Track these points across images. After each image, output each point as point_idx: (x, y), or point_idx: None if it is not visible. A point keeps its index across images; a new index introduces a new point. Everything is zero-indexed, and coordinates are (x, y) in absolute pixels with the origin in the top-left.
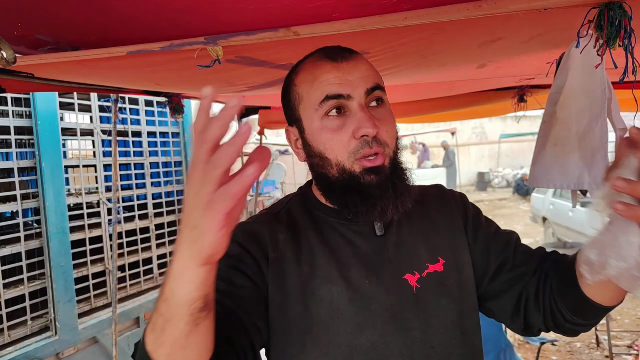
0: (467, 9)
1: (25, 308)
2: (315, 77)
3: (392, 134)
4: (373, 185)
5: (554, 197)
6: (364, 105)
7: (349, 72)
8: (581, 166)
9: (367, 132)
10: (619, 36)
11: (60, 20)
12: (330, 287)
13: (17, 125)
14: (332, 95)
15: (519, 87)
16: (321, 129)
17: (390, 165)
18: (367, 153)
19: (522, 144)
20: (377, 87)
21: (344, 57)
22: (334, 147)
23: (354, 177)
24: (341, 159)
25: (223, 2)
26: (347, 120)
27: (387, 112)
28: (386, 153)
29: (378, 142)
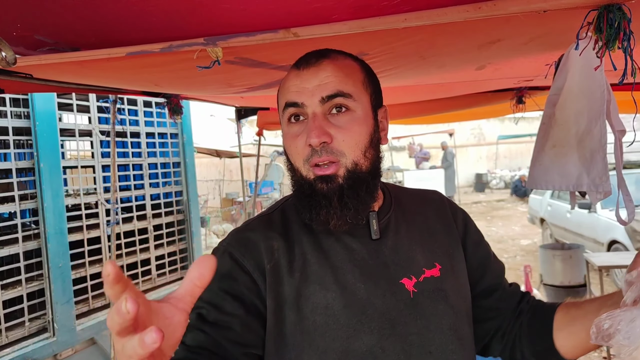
0: (466, 11)
1: (23, 309)
2: (284, 84)
3: (351, 143)
4: (321, 194)
5: (552, 199)
6: (317, 114)
7: (307, 80)
8: (580, 168)
9: (311, 142)
10: (618, 38)
11: (59, 21)
12: (325, 293)
13: (16, 126)
14: (289, 103)
15: (517, 89)
16: (286, 135)
17: (346, 174)
18: (316, 161)
19: (520, 145)
20: (337, 94)
21: (308, 64)
22: (293, 152)
23: (308, 183)
24: (298, 165)
25: (223, 3)
26: (304, 127)
27: (350, 120)
28: (342, 162)
29: (329, 151)
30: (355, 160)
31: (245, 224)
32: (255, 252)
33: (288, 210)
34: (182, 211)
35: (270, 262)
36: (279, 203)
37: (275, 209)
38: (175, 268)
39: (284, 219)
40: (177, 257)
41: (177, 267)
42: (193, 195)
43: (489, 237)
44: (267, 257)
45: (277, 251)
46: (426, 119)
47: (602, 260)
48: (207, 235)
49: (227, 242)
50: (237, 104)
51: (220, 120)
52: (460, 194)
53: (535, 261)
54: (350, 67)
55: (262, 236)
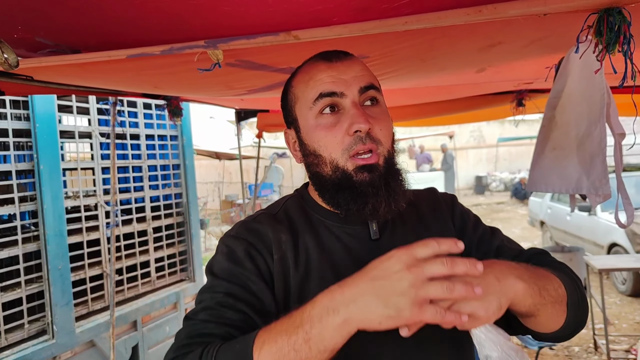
0: (467, 14)
1: (22, 311)
2: (311, 76)
3: (387, 132)
4: (365, 183)
5: (551, 201)
6: (358, 103)
7: (343, 72)
8: (580, 170)
9: (360, 128)
10: (618, 42)
11: (60, 23)
12: (323, 288)
13: (16, 128)
14: (325, 93)
15: (517, 92)
16: (315, 127)
17: (385, 164)
18: (360, 149)
19: (520, 147)
20: (372, 86)
21: (339, 57)
22: (328, 144)
23: (347, 175)
24: (335, 156)
25: (224, 6)
26: (341, 117)
27: (382, 112)
28: (380, 151)
29: (372, 139)
30: (389, 150)
31: (251, 217)
32: (265, 240)
33: (290, 209)
34: (182, 213)
35: (278, 253)
36: (280, 203)
37: (278, 210)
38: (175, 270)
39: (288, 217)
40: (177, 260)
41: (176, 269)
42: (192, 198)
43: None
44: (275, 247)
45: (284, 244)
46: (426, 121)
47: (602, 263)
48: (206, 238)
49: (235, 231)
50: (237, 106)
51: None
52: (460, 196)
53: None
54: (368, 68)
55: (270, 228)
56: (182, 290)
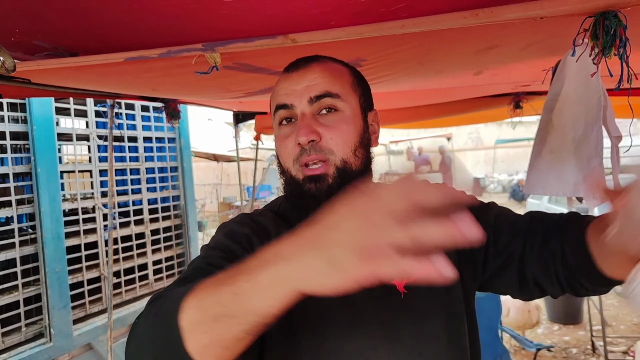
0: (464, 17)
1: (19, 314)
2: (274, 90)
3: (341, 141)
4: (310, 194)
5: (549, 203)
6: (307, 114)
7: (296, 82)
8: (577, 173)
9: (299, 140)
10: (614, 45)
11: (57, 26)
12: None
13: (13, 131)
14: (279, 105)
15: (515, 94)
16: (276, 137)
17: (335, 173)
18: (305, 160)
19: (517, 149)
20: (325, 94)
21: (297, 67)
22: (282, 154)
23: (298, 184)
24: (288, 165)
25: (221, 9)
26: (294, 128)
27: (338, 119)
28: (331, 161)
29: (319, 150)
30: (344, 159)
31: (254, 211)
32: (266, 232)
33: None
34: (180, 215)
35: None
36: (277, 203)
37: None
38: (173, 273)
39: (285, 216)
40: (175, 262)
41: (174, 271)
42: (190, 200)
43: None
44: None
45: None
46: (424, 123)
47: None
48: (204, 240)
49: (239, 218)
50: (235, 108)
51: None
52: None
53: None
54: (338, 70)
55: (272, 223)
56: None
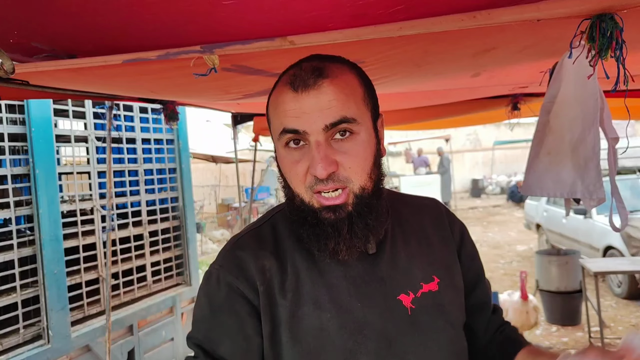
0: (461, 20)
1: (17, 316)
2: (277, 104)
3: (359, 167)
4: (328, 224)
5: (547, 204)
6: (322, 142)
7: (307, 105)
8: (574, 175)
9: (317, 174)
10: (611, 47)
11: (56, 28)
12: (319, 313)
13: (11, 132)
14: (288, 129)
15: (512, 95)
16: (283, 158)
17: (354, 201)
18: (321, 189)
19: (515, 150)
20: (342, 121)
21: (306, 86)
22: (292, 179)
23: (313, 211)
24: (299, 191)
25: (220, 11)
26: (305, 154)
27: (355, 144)
28: (349, 189)
29: (337, 180)
30: (362, 185)
31: (234, 241)
32: (247, 272)
33: (279, 224)
34: (178, 217)
35: (263, 284)
36: (268, 216)
37: (264, 222)
38: (171, 274)
39: (275, 233)
40: (173, 264)
41: (172, 273)
42: (189, 201)
43: (486, 242)
44: (259, 279)
45: (268, 271)
46: (422, 124)
47: (598, 266)
48: (202, 241)
49: (219, 265)
50: (234, 110)
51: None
52: (456, 199)
53: (532, 267)
54: (350, 85)
55: (252, 256)
56: (178, 294)
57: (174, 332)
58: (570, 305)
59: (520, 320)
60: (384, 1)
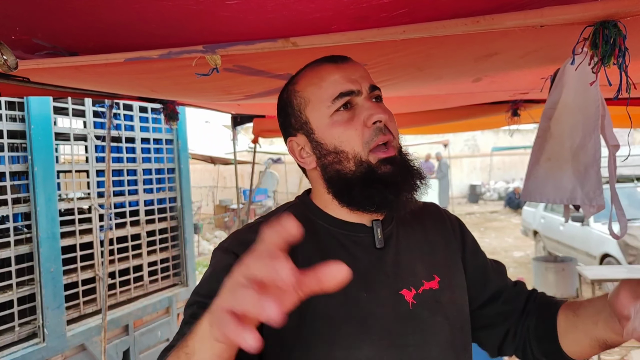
0: (464, 24)
1: (13, 314)
2: (322, 78)
3: (395, 126)
4: (388, 175)
5: (545, 211)
6: (370, 99)
7: (352, 72)
8: (574, 181)
9: (380, 118)
10: (614, 54)
11: (58, 25)
12: (327, 300)
13: (10, 129)
14: (345, 92)
15: (512, 102)
16: (332, 124)
17: (399, 156)
18: (380, 140)
19: (514, 157)
20: (376, 87)
21: (344, 60)
22: (349, 137)
23: (371, 168)
24: (357, 149)
25: (222, 11)
26: (356, 112)
27: (386, 108)
28: (395, 144)
29: (388, 131)
30: (399, 143)
31: (247, 226)
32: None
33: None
34: (176, 217)
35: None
36: (282, 209)
37: (275, 215)
38: (168, 275)
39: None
40: (170, 264)
41: (169, 273)
42: (187, 202)
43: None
44: None
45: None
46: (421, 129)
47: (595, 273)
48: (199, 242)
49: (228, 243)
50: (233, 111)
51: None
52: (454, 204)
53: (528, 273)
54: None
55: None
56: (174, 295)
57: (170, 332)
58: None
59: None
60: (388, 4)
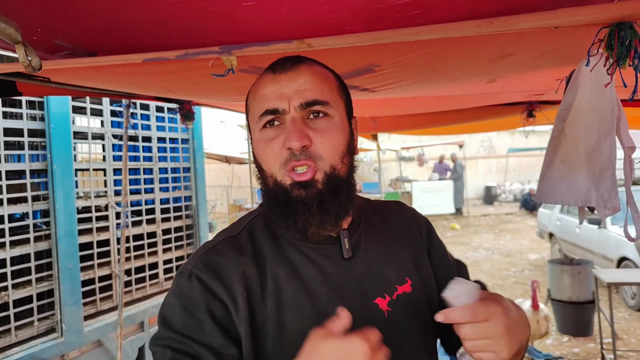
0: (478, 26)
1: (32, 309)
2: (257, 89)
3: (330, 147)
4: (298, 200)
5: (561, 213)
6: (298, 119)
7: (285, 85)
8: (589, 183)
9: (291, 145)
10: (629, 56)
11: (78, 26)
12: (302, 320)
13: (30, 128)
14: (269, 110)
15: (528, 103)
16: (259, 141)
17: (324, 179)
18: (294, 165)
19: (530, 158)
20: (315, 102)
21: (285, 68)
22: (267, 157)
23: (284, 189)
24: (273, 170)
25: (238, 13)
26: (281, 131)
27: (328, 125)
28: (319, 167)
29: (308, 156)
30: (333, 165)
31: (211, 246)
32: (226, 278)
33: (256, 230)
34: (191, 216)
35: (244, 290)
36: (245, 222)
37: (242, 230)
38: None
39: (253, 240)
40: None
41: None
42: (202, 201)
43: (498, 250)
44: (241, 285)
45: (249, 278)
46: (436, 129)
47: (611, 276)
48: None
49: (192, 266)
50: None
51: (230, 126)
52: (468, 206)
53: (543, 276)
54: (325, 75)
55: (233, 262)
56: None
57: None
58: (582, 316)
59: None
60: (402, 5)
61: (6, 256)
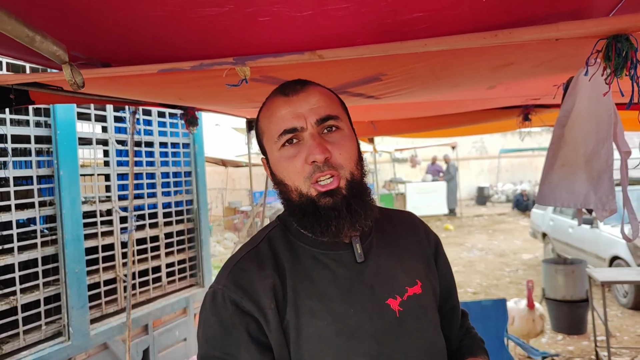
0: (483, 38)
1: (39, 313)
2: (272, 112)
3: (348, 156)
4: (328, 207)
5: (554, 214)
6: (316, 134)
7: (300, 105)
8: (587, 186)
9: (316, 159)
10: (626, 66)
11: (94, 37)
12: (316, 322)
13: (37, 135)
14: (288, 129)
15: (524, 106)
16: (279, 159)
17: (347, 185)
18: (318, 177)
19: (522, 159)
20: (328, 117)
21: (295, 90)
22: (291, 173)
23: (311, 200)
24: (298, 184)
25: (255, 27)
26: (301, 148)
27: (342, 137)
28: (341, 175)
29: (331, 166)
30: (351, 171)
31: (235, 262)
32: (254, 293)
33: (274, 240)
34: (193, 219)
35: (272, 302)
36: (264, 233)
37: (261, 240)
38: (185, 275)
39: (272, 251)
40: (187, 265)
41: (186, 274)
42: (203, 204)
43: (491, 250)
44: (267, 297)
45: (273, 290)
46: (433, 132)
47: (605, 275)
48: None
49: (223, 285)
50: (249, 115)
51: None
52: (462, 206)
53: (537, 275)
54: (329, 93)
55: (257, 276)
56: (191, 295)
57: (187, 332)
58: (576, 314)
59: (526, 328)
60: (410, 20)
61: (14, 261)
